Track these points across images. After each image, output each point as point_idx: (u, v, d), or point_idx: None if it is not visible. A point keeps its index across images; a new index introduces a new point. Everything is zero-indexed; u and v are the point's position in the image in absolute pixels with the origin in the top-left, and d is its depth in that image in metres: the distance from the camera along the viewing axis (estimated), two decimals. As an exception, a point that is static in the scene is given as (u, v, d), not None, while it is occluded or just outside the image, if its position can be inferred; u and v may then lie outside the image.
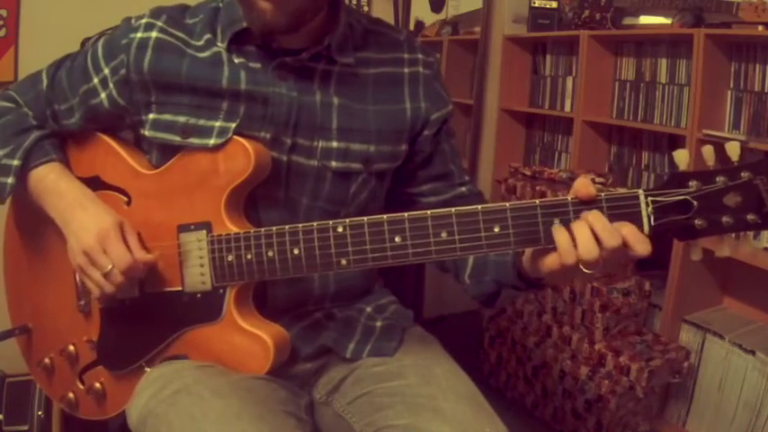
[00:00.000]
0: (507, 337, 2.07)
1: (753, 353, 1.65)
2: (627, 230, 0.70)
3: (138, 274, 0.88)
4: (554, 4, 2.28)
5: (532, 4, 2.29)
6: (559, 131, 2.39)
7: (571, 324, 1.87)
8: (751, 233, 1.73)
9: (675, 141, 1.98)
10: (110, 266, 0.85)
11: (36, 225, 1.01)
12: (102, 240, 0.87)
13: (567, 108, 2.29)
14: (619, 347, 1.77)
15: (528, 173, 2.17)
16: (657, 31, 1.98)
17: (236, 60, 0.89)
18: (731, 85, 1.80)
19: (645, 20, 2.06)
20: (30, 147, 0.94)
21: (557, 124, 2.40)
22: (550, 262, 0.74)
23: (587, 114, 2.12)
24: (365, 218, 0.78)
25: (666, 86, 1.97)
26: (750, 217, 0.69)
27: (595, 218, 0.70)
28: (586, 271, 0.71)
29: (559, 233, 0.71)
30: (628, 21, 2.10)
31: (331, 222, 0.79)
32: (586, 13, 2.15)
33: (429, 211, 0.76)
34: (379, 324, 0.99)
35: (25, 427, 1.43)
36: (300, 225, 0.81)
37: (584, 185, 0.71)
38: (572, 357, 1.84)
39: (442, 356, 0.97)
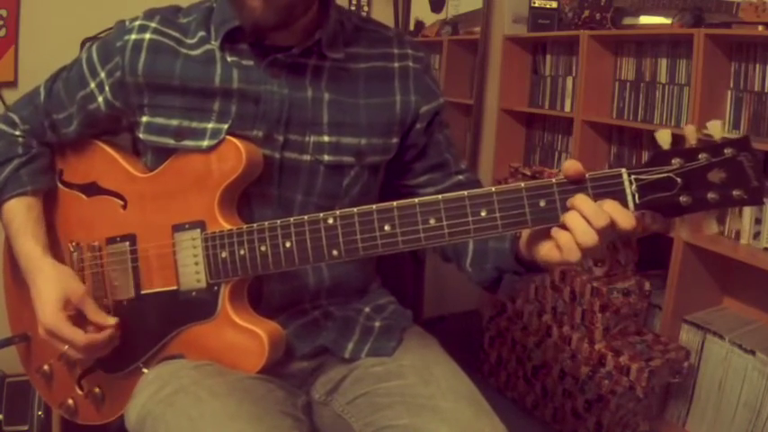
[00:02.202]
0: (507, 337, 2.07)
1: (753, 353, 1.65)
2: (609, 207, 0.69)
3: (99, 350, 0.91)
4: (554, 4, 2.28)
5: (532, 4, 2.29)
6: (559, 131, 2.39)
7: (571, 324, 1.87)
8: (749, 229, 1.70)
9: (676, 141, 1.97)
10: (65, 347, 0.89)
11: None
12: (54, 323, 0.89)
13: (567, 108, 2.28)
14: (619, 347, 1.77)
15: (528, 173, 2.17)
16: (657, 31, 1.97)
17: (229, 59, 0.89)
18: (731, 85, 1.79)
19: (645, 20, 2.06)
20: (6, 179, 0.96)
21: (557, 124, 2.40)
22: (547, 255, 0.74)
23: (587, 114, 2.12)
24: (355, 209, 0.78)
25: (666, 86, 1.96)
26: (736, 192, 0.68)
27: (581, 201, 0.70)
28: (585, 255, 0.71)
29: (560, 234, 0.71)
30: (628, 21, 2.09)
31: (321, 215, 0.80)
32: (586, 13, 2.14)
33: (417, 199, 0.76)
34: (377, 324, 0.99)
35: (25, 428, 1.43)
36: (292, 219, 0.82)
37: (571, 164, 0.71)
38: (572, 357, 1.84)
39: (441, 356, 0.97)
